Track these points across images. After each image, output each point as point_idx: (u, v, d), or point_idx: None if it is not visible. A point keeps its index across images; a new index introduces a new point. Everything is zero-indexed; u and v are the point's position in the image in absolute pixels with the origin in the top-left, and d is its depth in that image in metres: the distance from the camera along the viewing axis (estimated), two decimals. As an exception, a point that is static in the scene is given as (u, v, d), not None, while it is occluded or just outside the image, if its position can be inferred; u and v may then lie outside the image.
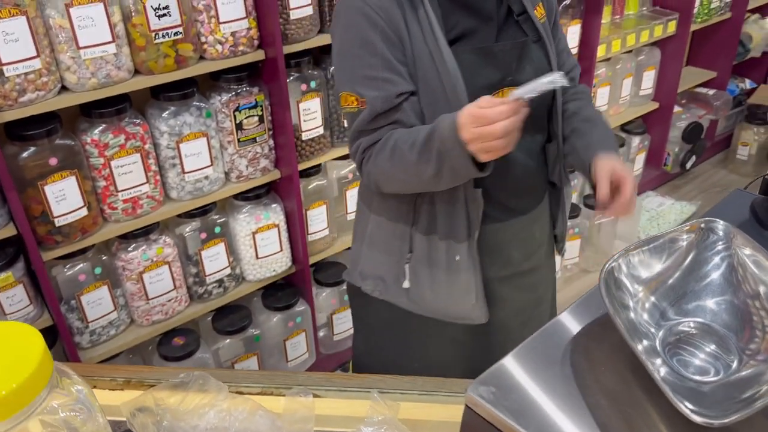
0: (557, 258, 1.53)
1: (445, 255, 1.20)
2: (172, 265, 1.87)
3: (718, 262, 0.76)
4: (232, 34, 1.72)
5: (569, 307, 0.80)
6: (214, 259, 1.96)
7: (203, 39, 1.70)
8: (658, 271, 0.77)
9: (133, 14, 1.56)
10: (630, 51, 2.98)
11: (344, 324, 2.35)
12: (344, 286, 2.28)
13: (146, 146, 1.70)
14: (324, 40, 1.93)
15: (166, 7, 1.58)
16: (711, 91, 3.52)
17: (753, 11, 3.53)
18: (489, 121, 0.93)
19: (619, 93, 3.04)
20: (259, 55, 1.80)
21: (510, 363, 0.72)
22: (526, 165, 1.22)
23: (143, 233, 1.79)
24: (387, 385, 0.97)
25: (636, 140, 3.20)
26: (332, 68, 1.98)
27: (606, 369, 0.72)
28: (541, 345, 0.76)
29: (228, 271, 2.00)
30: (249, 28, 1.74)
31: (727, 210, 0.98)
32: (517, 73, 1.15)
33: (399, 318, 1.33)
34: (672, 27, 3.01)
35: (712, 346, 0.73)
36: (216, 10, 1.67)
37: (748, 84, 3.76)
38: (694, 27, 3.15)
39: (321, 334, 2.34)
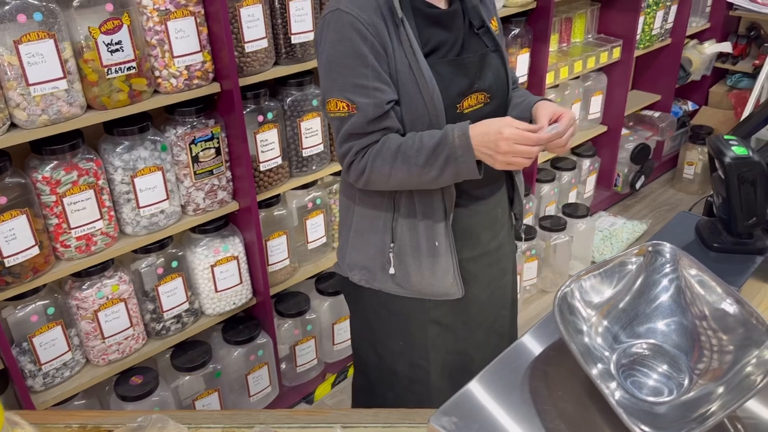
0: (533, 271, 1.70)
1: (426, 242, 1.36)
2: (128, 302, 1.83)
3: (666, 285, 0.79)
4: (187, 67, 1.71)
5: (527, 332, 0.82)
6: (172, 294, 1.93)
7: (157, 73, 1.69)
8: (610, 295, 0.79)
9: (84, 50, 1.54)
10: (578, 77, 3.08)
11: (307, 355, 2.33)
12: (307, 316, 2.27)
13: (100, 182, 1.67)
14: (280, 72, 1.95)
15: (119, 43, 1.57)
16: (656, 114, 3.66)
17: (691, 37, 3.70)
18: (531, 143, 1.15)
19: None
20: (215, 88, 1.80)
21: (471, 391, 0.73)
22: None
23: (98, 270, 1.75)
24: (350, 420, 0.96)
25: (587, 162, 3.30)
26: (290, 98, 2.01)
27: (564, 393, 0.74)
28: (501, 371, 0.77)
29: (186, 306, 1.97)
30: (204, 62, 1.75)
31: (674, 232, 1.02)
32: (481, 80, 1.31)
33: (383, 303, 1.47)
34: (616, 53, 3.13)
35: (665, 367, 0.75)
36: (170, 45, 1.67)
37: (690, 106, 3.93)
38: (637, 53, 3.28)
39: (284, 366, 2.31)
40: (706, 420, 0.62)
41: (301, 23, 1.92)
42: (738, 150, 0.88)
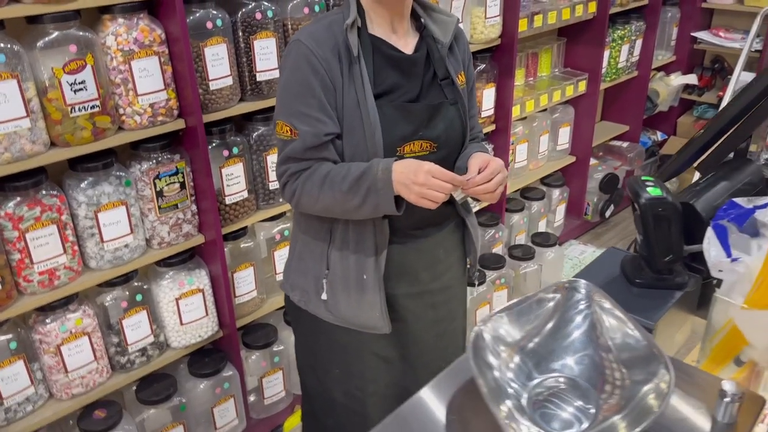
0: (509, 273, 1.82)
1: (355, 274, 1.39)
2: (92, 336, 1.84)
3: (579, 321, 0.83)
4: (151, 105, 1.76)
5: (449, 368, 0.85)
6: (137, 328, 1.94)
7: (121, 111, 1.73)
8: (526, 332, 0.83)
9: (48, 89, 1.58)
10: (545, 110, 3.16)
11: (275, 387, 2.34)
12: (274, 348, 2.29)
13: (63, 217, 1.70)
14: (245, 108, 2.00)
15: (82, 82, 1.62)
16: (625, 144, 3.75)
17: (658, 69, 3.81)
18: (447, 179, 1.20)
19: (537, 149, 3.20)
20: (179, 124, 1.84)
21: (392, 424, 0.76)
22: None
23: (61, 304, 1.77)
24: None
25: (556, 192, 3.36)
26: (256, 133, 2.06)
27: (479, 425, 0.77)
28: (421, 406, 0.80)
29: (151, 339, 1.98)
30: (168, 99, 1.79)
31: (601, 267, 1.06)
32: (428, 129, 1.34)
33: (322, 329, 1.51)
34: (582, 86, 3.22)
35: (578, 401, 0.79)
36: (133, 83, 1.71)
37: (659, 136, 4.02)
38: (604, 85, 3.37)
39: (251, 398, 2.32)
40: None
41: (266, 61, 1.97)
42: (653, 191, 0.92)
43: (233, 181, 2.03)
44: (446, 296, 1.55)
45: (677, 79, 3.80)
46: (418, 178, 1.19)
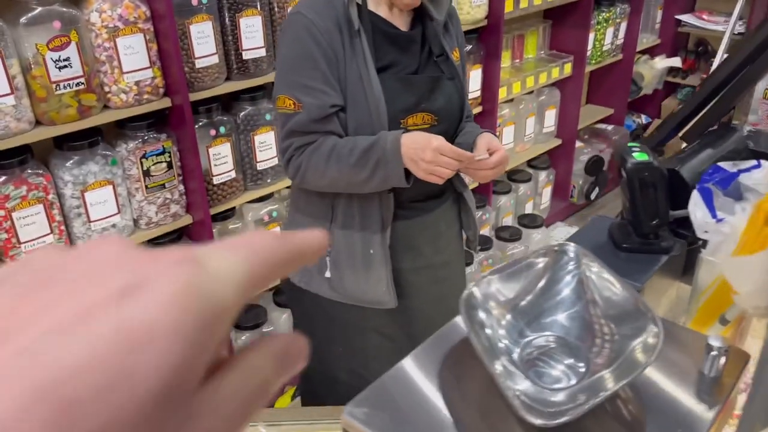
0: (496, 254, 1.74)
1: (361, 249, 1.39)
2: (80, 316, 1.83)
3: (569, 280, 0.84)
4: (137, 83, 1.75)
5: (441, 330, 0.86)
6: (126, 308, 1.93)
7: (107, 89, 1.72)
8: (516, 293, 0.84)
9: (32, 66, 1.57)
10: (531, 92, 3.17)
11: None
12: (264, 329, 2.29)
13: (50, 197, 1.69)
14: (232, 87, 1.99)
15: (67, 59, 1.60)
16: (609, 127, 3.78)
17: (642, 52, 3.84)
18: (455, 156, 1.20)
19: (524, 131, 3.22)
20: (165, 103, 1.83)
21: (383, 384, 0.77)
22: None
23: (48, 285, 1.76)
24: (272, 417, 1.00)
25: (542, 175, 3.38)
26: (243, 112, 2.05)
27: (473, 384, 0.78)
28: (417, 362, 0.81)
29: (140, 319, 1.98)
30: (153, 77, 1.78)
31: (589, 234, 1.08)
32: (429, 102, 1.35)
33: (323, 308, 1.51)
34: (568, 69, 3.23)
35: (567, 357, 0.80)
36: (119, 61, 1.70)
37: (644, 119, 4.05)
38: (589, 68, 3.39)
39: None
40: (587, 403, 0.67)
41: (252, 39, 1.96)
42: (639, 156, 0.94)
43: (221, 161, 2.02)
44: (448, 271, 1.57)
45: (661, 62, 3.83)
46: (426, 155, 1.20)
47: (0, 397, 0.17)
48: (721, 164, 0.91)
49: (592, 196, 3.71)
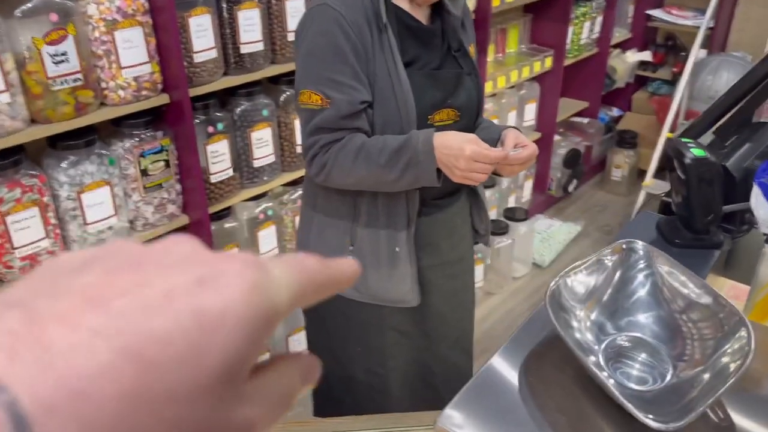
0: (479, 274, 1.75)
1: (387, 247, 1.38)
2: (76, 323, 1.75)
3: (642, 280, 0.84)
4: (135, 78, 1.67)
5: (515, 333, 0.85)
6: (122, 313, 1.86)
7: (104, 85, 1.64)
8: (592, 291, 0.83)
9: (27, 61, 1.48)
10: (513, 86, 3.18)
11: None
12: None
13: (45, 198, 1.60)
14: (229, 82, 1.92)
15: (64, 53, 1.51)
16: (585, 120, 3.83)
17: (615, 47, 3.90)
18: (489, 161, 1.18)
19: (506, 125, 3.23)
20: (164, 99, 1.76)
21: (472, 390, 0.75)
22: None
23: (43, 291, 1.67)
24: (345, 428, 0.97)
25: (524, 168, 3.41)
26: (240, 108, 1.98)
27: (558, 387, 0.77)
28: (498, 369, 0.79)
29: (137, 324, 1.90)
30: (152, 72, 1.70)
31: (636, 230, 1.08)
32: (454, 98, 1.33)
33: (340, 308, 1.48)
34: (549, 62, 3.26)
35: (648, 358, 0.80)
36: (117, 55, 1.62)
37: (615, 112, 4.13)
38: (567, 62, 3.43)
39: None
40: (697, 404, 0.66)
41: (250, 33, 1.90)
42: (697, 152, 0.94)
43: (218, 158, 1.96)
44: (462, 267, 1.57)
45: (633, 56, 3.91)
46: (460, 164, 1.18)
47: (94, 352, 0.19)
48: (775, 159, 0.92)
49: (570, 189, 3.77)
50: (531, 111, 3.39)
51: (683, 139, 0.98)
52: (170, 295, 0.21)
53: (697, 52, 3.17)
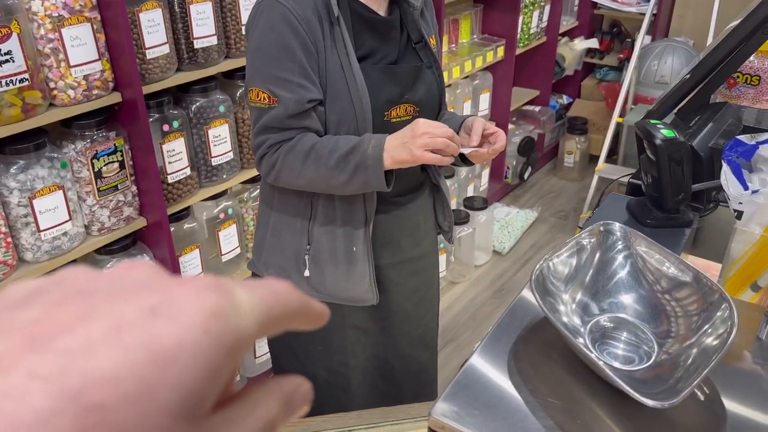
0: (442, 264, 1.66)
1: (344, 246, 1.35)
2: (32, 335, 1.67)
3: (622, 261, 0.85)
4: (85, 77, 1.60)
5: (498, 321, 0.85)
6: (81, 322, 1.78)
7: (52, 84, 1.56)
8: (574, 274, 0.84)
9: (-32, 61, 1.39)
10: (467, 77, 3.20)
11: (228, 371, 2.24)
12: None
13: (-7, 206, 1.52)
14: (183, 78, 1.87)
15: (8, 53, 1.44)
16: (537, 108, 3.89)
17: (563, 35, 3.97)
18: (442, 133, 1.14)
19: (468, 115, 3.25)
20: (116, 98, 1.69)
21: (464, 379, 0.74)
22: (408, 168, 1.36)
23: (-4, 303, 1.59)
24: (335, 425, 0.95)
25: (481, 157, 3.44)
26: (195, 105, 1.93)
27: (547, 372, 0.77)
28: (486, 356, 0.79)
29: (97, 332, 1.83)
30: (103, 70, 1.64)
31: (608, 212, 1.09)
32: (412, 92, 1.30)
33: None
34: (501, 52, 3.29)
35: (631, 337, 0.81)
36: (65, 54, 1.55)
37: (565, 99, 4.21)
38: (518, 51, 3.47)
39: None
40: (688, 379, 0.67)
41: (204, 27, 1.85)
42: (667, 132, 0.96)
43: (175, 157, 1.90)
44: (425, 263, 1.55)
45: (580, 44, 3.99)
46: (416, 130, 1.14)
47: (31, 397, 0.18)
48: (740, 137, 0.95)
49: (525, 176, 3.82)
50: (485, 101, 3.42)
51: (652, 121, 1.00)
52: (119, 327, 0.20)
53: (643, 38, 3.25)
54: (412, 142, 1.15)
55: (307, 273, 1.38)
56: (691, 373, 0.68)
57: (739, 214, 0.88)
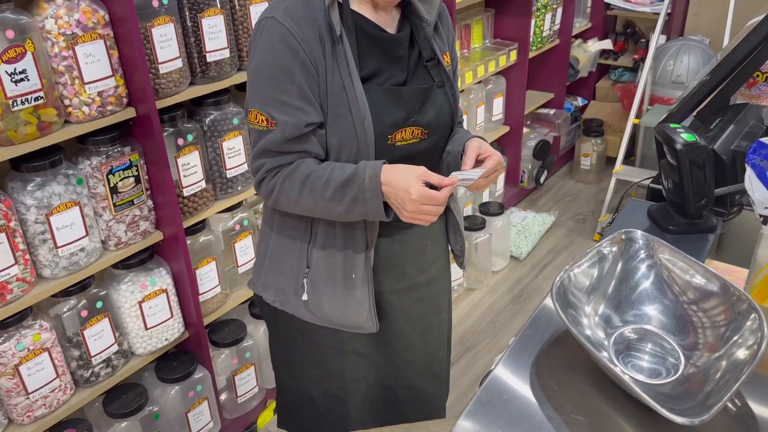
0: (458, 271, 1.68)
1: (342, 272, 1.30)
2: (51, 351, 1.68)
3: (645, 272, 0.83)
4: (99, 93, 1.61)
5: (520, 333, 0.83)
6: (99, 338, 1.79)
7: (67, 102, 1.57)
8: (596, 285, 0.82)
9: (-16, 81, 1.41)
10: (480, 81, 3.18)
11: (248, 383, 2.24)
12: (244, 343, 2.19)
13: (11, 224, 1.53)
14: (196, 92, 1.87)
15: (23, 71, 1.45)
16: (551, 111, 3.86)
17: (576, 37, 3.94)
18: (436, 203, 1.08)
19: (475, 120, 3.23)
20: (130, 113, 1.70)
21: (485, 396, 0.73)
22: None
23: (16, 320, 1.59)
24: None
25: (496, 162, 3.41)
26: (209, 118, 1.93)
27: (571, 386, 0.75)
28: (508, 370, 0.77)
29: (115, 348, 1.84)
30: (116, 86, 1.64)
31: (629, 219, 1.07)
32: (420, 114, 1.23)
33: (299, 329, 1.42)
34: (513, 56, 3.27)
35: (656, 349, 0.79)
36: (79, 71, 1.56)
37: (580, 101, 4.17)
38: (531, 54, 3.44)
39: (223, 397, 2.21)
40: (719, 394, 0.65)
41: (216, 40, 1.86)
42: (687, 137, 0.94)
43: (190, 171, 1.90)
44: (432, 290, 1.47)
45: (594, 45, 3.95)
46: (407, 207, 1.10)
47: None
48: (763, 140, 0.92)
49: (541, 180, 3.79)
50: (499, 105, 3.40)
51: (672, 125, 0.97)
52: None
53: (658, 38, 3.21)
54: (401, 212, 1.13)
55: (305, 297, 1.34)
56: (721, 387, 0.66)
57: (765, 219, 0.86)
